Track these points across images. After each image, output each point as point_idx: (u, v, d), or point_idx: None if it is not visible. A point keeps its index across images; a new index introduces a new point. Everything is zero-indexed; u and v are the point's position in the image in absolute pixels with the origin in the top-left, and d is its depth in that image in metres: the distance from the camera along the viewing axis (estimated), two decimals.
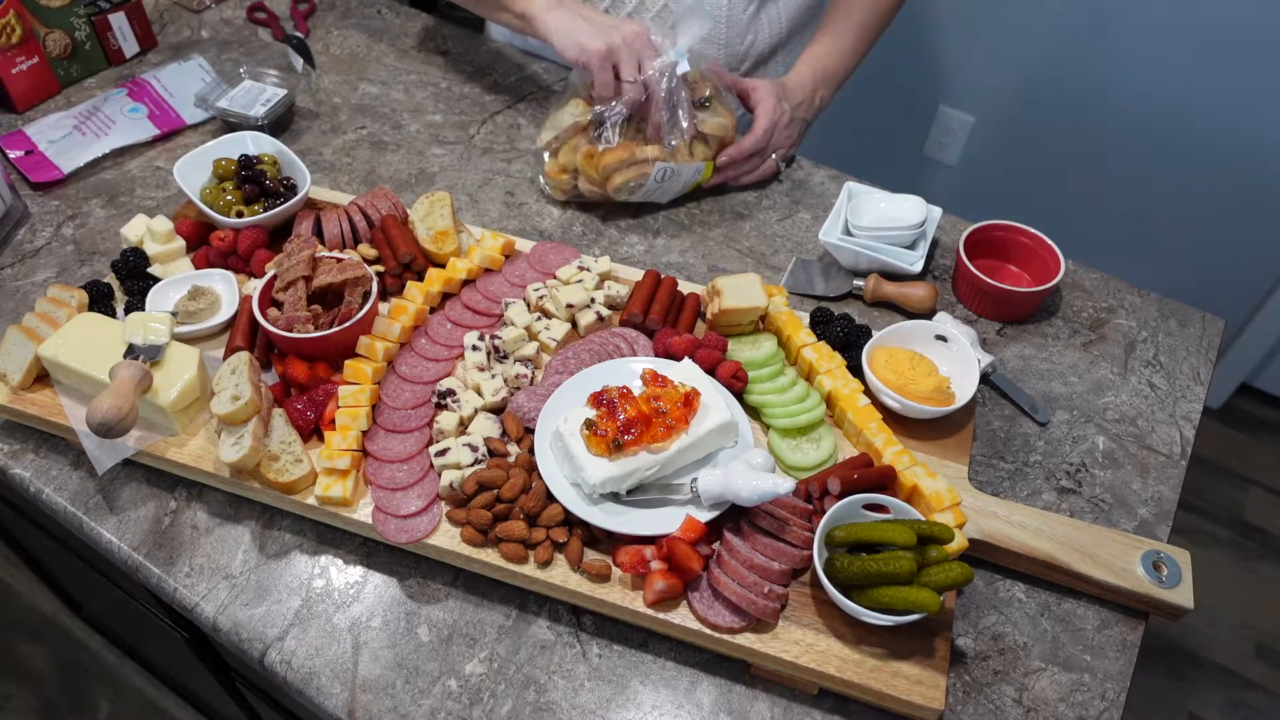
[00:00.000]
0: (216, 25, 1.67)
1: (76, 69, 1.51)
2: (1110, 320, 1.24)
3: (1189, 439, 1.11)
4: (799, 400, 1.04)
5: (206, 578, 0.95)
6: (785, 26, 1.52)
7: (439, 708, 0.87)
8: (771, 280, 1.26)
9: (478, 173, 1.41)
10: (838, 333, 1.11)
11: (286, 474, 0.94)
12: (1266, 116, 2.16)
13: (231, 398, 0.95)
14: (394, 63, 1.60)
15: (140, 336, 1.00)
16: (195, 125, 1.45)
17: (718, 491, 0.90)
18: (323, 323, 1.05)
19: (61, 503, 1.01)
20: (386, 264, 1.15)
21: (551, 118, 1.31)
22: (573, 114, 1.26)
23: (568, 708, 0.88)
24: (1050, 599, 0.97)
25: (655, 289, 1.14)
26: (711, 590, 0.88)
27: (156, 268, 1.16)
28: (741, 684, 0.90)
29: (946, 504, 0.93)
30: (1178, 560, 0.95)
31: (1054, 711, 0.89)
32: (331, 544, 0.98)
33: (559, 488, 0.93)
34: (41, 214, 1.31)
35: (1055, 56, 2.34)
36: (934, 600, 0.82)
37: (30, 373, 1.02)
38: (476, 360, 1.05)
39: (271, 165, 1.26)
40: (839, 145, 2.40)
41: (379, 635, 0.91)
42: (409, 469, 0.96)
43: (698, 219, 1.35)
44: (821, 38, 1.46)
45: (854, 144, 2.69)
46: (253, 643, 0.91)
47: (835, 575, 0.87)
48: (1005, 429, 1.11)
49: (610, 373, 1.03)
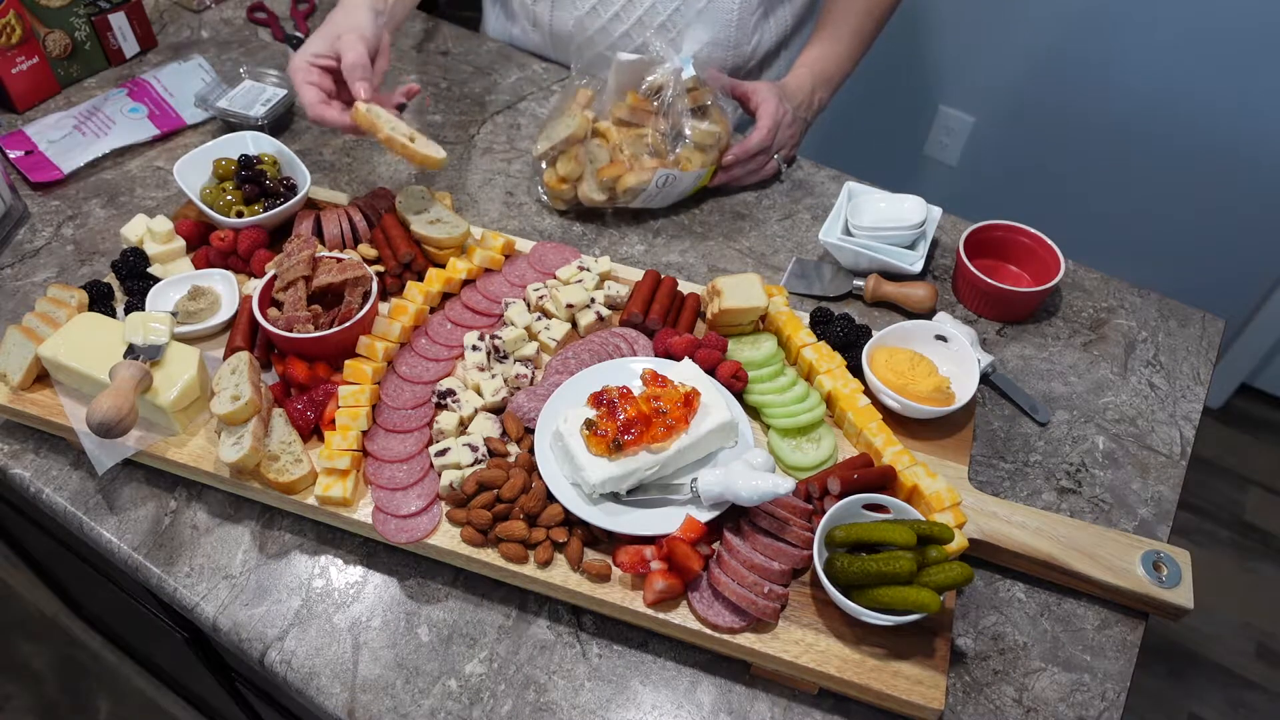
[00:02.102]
0: (216, 25, 1.67)
1: (76, 69, 1.51)
2: (1110, 320, 1.24)
3: (1189, 439, 1.11)
4: (799, 400, 1.04)
5: (206, 578, 0.95)
6: (790, 25, 1.53)
7: (439, 708, 0.87)
8: (771, 280, 1.26)
9: (478, 173, 1.41)
10: (838, 333, 1.11)
11: (286, 474, 0.94)
12: (1267, 116, 2.16)
13: (231, 398, 0.95)
14: (394, 63, 1.60)
15: (140, 336, 1.00)
16: (195, 125, 1.45)
17: (718, 491, 0.90)
18: (323, 323, 1.05)
19: (61, 503, 1.01)
20: (386, 264, 1.15)
21: (547, 128, 1.30)
22: (568, 125, 1.26)
23: (568, 708, 0.88)
24: (1050, 599, 0.97)
25: (655, 289, 1.14)
26: (711, 590, 0.88)
27: (156, 268, 1.16)
28: (742, 684, 0.90)
29: (946, 504, 0.93)
30: (1178, 560, 0.95)
31: (1054, 711, 0.89)
32: (331, 544, 0.98)
33: (559, 488, 0.93)
34: (41, 214, 1.31)
35: (1055, 56, 2.34)
36: (934, 600, 0.82)
37: (30, 373, 1.02)
38: (476, 360, 1.05)
39: (271, 165, 1.26)
40: (839, 145, 2.40)
41: (379, 635, 0.91)
42: (409, 469, 0.96)
43: (698, 219, 1.35)
44: (818, 41, 1.47)
45: (854, 144, 2.70)
46: (253, 643, 0.91)
47: (835, 575, 0.87)
48: (1005, 429, 1.11)
49: (610, 373, 1.03)
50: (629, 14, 1.41)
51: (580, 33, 1.48)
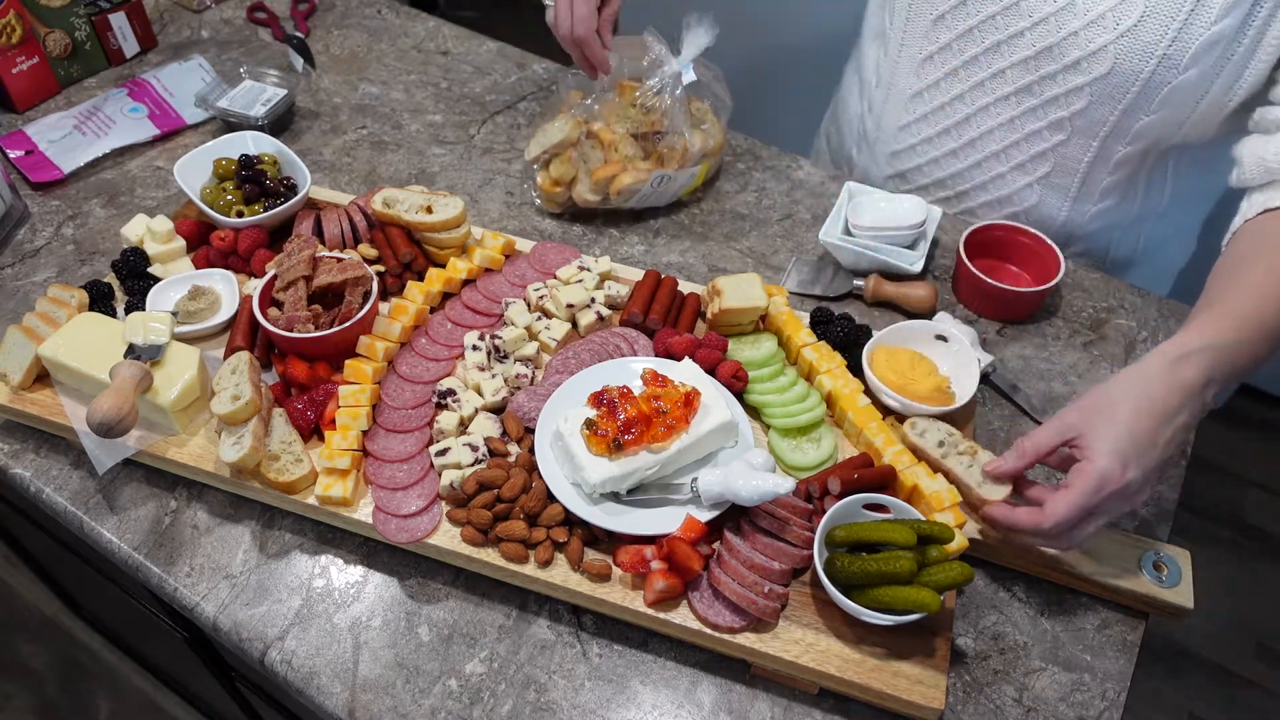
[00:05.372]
0: (216, 25, 1.67)
1: (77, 69, 1.51)
2: (1110, 320, 1.24)
3: (1189, 439, 1.11)
4: (799, 400, 1.04)
5: (207, 577, 0.95)
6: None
7: (439, 707, 0.87)
8: (771, 280, 1.26)
9: (478, 173, 1.41)
10: (838, 333, 1.11)
11: (287, 474, 0.94)
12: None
13: (232, 397, 0.95)
14: (394, 63, 1.60)
15: (140, 336, 1.00)
16: (195, 125, 1.45)
17: (718, 491, 0.90)
18: (323, 323, 1.05)
19: (61, 503, 1.01)
20: (387, 264, 1.15)
21: (539, 132, 1.29)
22: (561, 129, 1.26)
23: (568, 707, 0.88)
24: (1050, 599, 0.97)
25: (655, 289, 1.14)
26: (712, 590, 0.88)
27: (157, 267, 1.16)
28: (742, 684, 0.90)
29: (946, 504, 0.93)
30: (1178, 560, 0.95)
31: (1054, 711, 0.89)
32: (332, 544, 0.98)
33: (559, 487, 0.93)
34: (42, 214, 1.31)
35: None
36: (934, 600, 0.82)
37: (30, 373, 1.02)
38: (477, 360, 1.05)
39: (272, 165, 1.26)
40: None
41: (379, 635, 0.92)
42: (409, 469, 0.96)
43: (698, 219, 1.36)
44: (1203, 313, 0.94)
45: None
46: (253, 642, 0.91)
47: (835, 575, 0.87)
48: (1005, 429, 1.11)
49: (610, 372, 1.03)
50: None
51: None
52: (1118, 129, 1.15)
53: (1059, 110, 1.17)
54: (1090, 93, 1.12)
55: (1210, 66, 1.05)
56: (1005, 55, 1.16)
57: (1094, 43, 1.08)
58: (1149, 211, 1.29)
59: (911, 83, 1.29)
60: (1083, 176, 1.23)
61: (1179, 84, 1.07)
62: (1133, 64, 1.07)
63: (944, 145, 1.31)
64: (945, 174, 1.33)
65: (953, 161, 1.32)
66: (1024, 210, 1.30)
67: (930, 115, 1.29)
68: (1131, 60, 1.07)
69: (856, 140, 1.46)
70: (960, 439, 0.98)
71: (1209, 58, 1.04)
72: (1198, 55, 1.04)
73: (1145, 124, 1.13)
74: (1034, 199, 1.28)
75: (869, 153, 1.42)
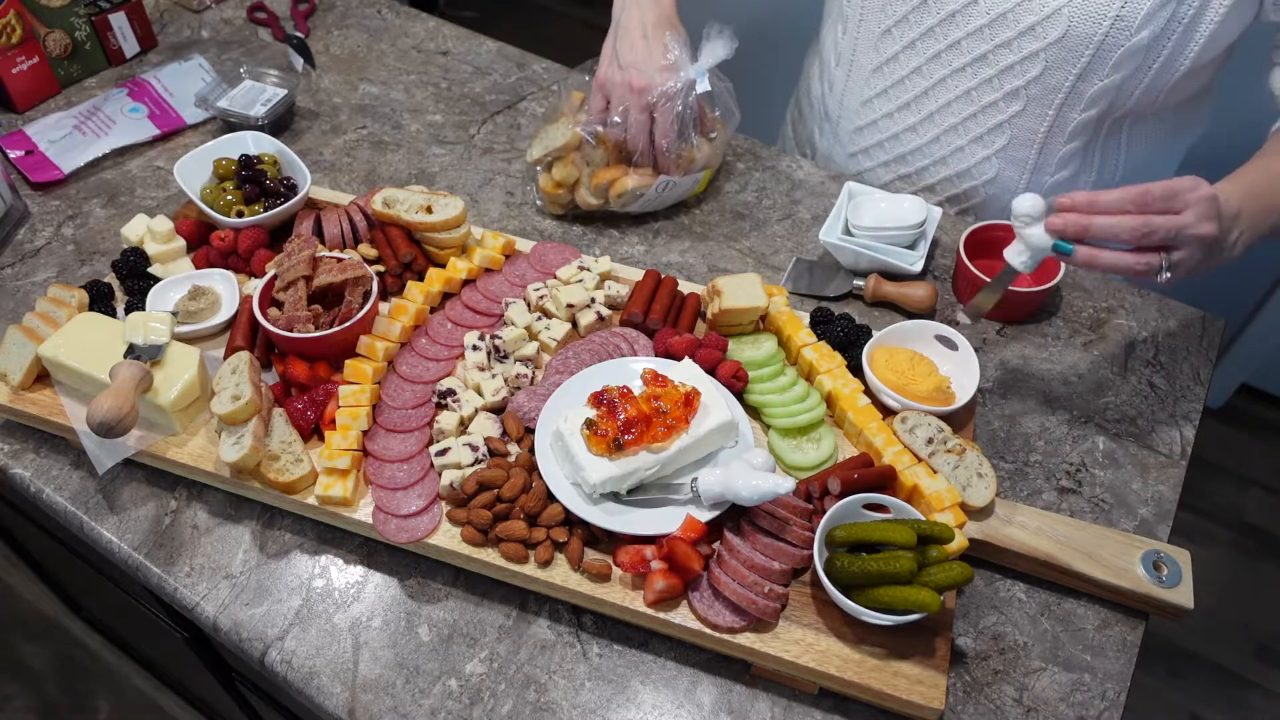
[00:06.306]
0: (216, 25, 1.67)
1: (77, 69, 1.51)
2: (1110, 320, 1.24)
3: (1189, 439, 1.11)
4: (799, 400, 1.04)
5: (207, 577, 0.95)
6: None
7: (439, 707, 0.87)
8: (771, 280, 1.26)
9: (478, 173, 1.41)
10: (838, 333, 1.11)
11: (287, 474, 0.94)
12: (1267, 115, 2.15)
13: (232, 397, 0.95)
14: (394, 63, 1.60)
15: (140, 336, 1.00)
16: (195, 125, 1.45)
17: (718, 491, 0.90)
18: (323, 323, 1.05)
19: (61, 503, 1.01)
20: (387, 264, 1.15)
21: (542, 134, 1.30)
22: (563, 132, 1.26)
23: (568, 707, 0.88)
24: (1050, 599, 0.97)
25: (655, 289, 1.14)
26: (712, 590, 0.88)
27: (157, 268, 1.16)
28: (742, 684, 0.90)
29: (946, 504, 0.93)
30: (1178, 560, 0.95)
31: (1054, 711, 0.89)
32: (332, 544, 0.98)
33: (559, 487, 0.93)
34: (41, 214, 1.31)
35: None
36: (934, 600, 0.82)
37: (30, 373, 1.02)
38: (477, 360, 1.05)
39: (272, 165, 1.26)
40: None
41: (379, 635, 0.92)
42: (409, 469, 0.97)
43: (698, 219, 1.36)
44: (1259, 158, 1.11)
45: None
46: (253, 642, 0.91)
47: (835, 575, 0.87)
48: (1005, 429, 1.11)
49: (610, 372, 1.03)
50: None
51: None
52: (1073, 94, 1.17)
53: (1015, 79, 1.19)
54: (1045, 59, 1.15)
55: (1162, 27, 1.09)
56: (960, 25, 1.19)
57: (1048, 6, 1.11)
58: (1105, 183, 1.32)
59: (871, 58, 1.31)
60: (1039, 147, 1.25)
61: (1131, 46, 1.10)
62: (1086, 27, 1.10)
63: (904, 120, 1.33)
64: (905, 149, 1.36)
65: (912, 137, 1.34)
66: (982, 184, 1.33)
67: (890, 90, 1.32)
68: (1085, 23, 1.10)
69: (819, 122, 1.48)
70: (950, 435, 0.98)
71: (1160, 17, 1.08)
72: (1150, 15, 1.07)
73: (1099, 88, 1.16)
74: (991, 172, 1.31)
75: (832, 133, 1.45)
